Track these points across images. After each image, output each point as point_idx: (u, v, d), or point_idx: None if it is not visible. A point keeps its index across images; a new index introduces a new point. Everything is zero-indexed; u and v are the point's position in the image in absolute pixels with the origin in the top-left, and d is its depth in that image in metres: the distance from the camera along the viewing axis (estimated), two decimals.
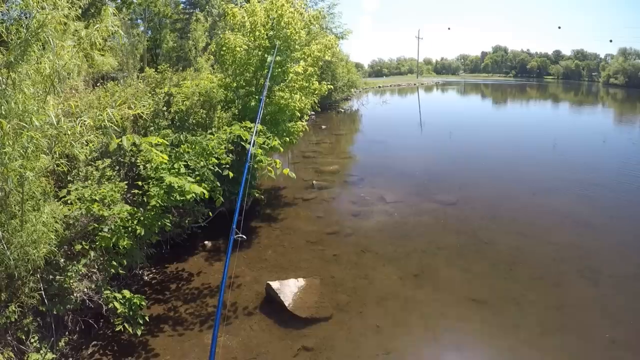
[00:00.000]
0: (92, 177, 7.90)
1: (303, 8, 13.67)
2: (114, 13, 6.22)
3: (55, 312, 6.26)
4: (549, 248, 10.73)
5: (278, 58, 12.36)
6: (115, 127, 6.31)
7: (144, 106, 8.49)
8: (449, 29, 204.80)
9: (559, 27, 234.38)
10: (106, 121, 5.92)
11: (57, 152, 5.86)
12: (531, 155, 22.33)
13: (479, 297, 8.51)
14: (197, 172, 8.61)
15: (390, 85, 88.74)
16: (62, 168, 6.13)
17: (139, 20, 20.03)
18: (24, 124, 4.97)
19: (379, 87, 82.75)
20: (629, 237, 11.57)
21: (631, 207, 14.14)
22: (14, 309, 5.63)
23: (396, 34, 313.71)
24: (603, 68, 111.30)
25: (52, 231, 5.97)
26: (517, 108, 55.30)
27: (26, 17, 5.40)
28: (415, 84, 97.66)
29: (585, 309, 8.21)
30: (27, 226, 5.58)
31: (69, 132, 5.59)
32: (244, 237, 7.93)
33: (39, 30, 5.10)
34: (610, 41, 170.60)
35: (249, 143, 9.39)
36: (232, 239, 4.74)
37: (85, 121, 5.69)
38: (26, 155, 5.14)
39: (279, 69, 12.72)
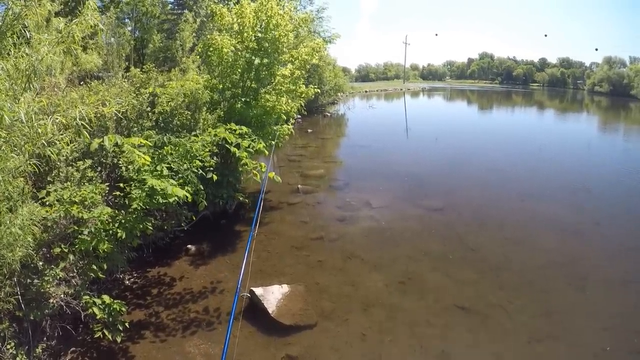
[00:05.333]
0: (72, 178, 7.70)
1: (292, 11, 13.58)
2: (100, 10, 6.07)
3: (32, 318, 6.07)
4: (536, 254, 10.73)
5: (265, 60, 12.25)
6: (88, 126, 6.09)
7: (119, 104, 8.26)
8: (436, 35, 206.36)
9: (545, 35, 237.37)
10: (78, 119, 5.71)
11: (27, 152, 5.66)
12: (517, 162, 22.49)
13: (466, 304, 8.45)
14: (180, 175, 8.44)
15: (377, 90, 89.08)
16: (34, 168, 5.94)
17: (126, 20, 19.85)
18: None
19: (366, 91, 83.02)
20: (615, 243, 11.62)
21: (617, 213, 14.23)
22: None
23: (384, 39, 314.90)
24: (588, 76, 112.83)
25: (29, 233, 5.79)
26: (503, 114, 55.74)
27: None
28: (401, 89, 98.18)
29: (573, 315, 8.18)
30: (2, 228, 5.38)
31: (40, 131, 5.39)
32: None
33: (15, 23, 4.91)
34: (596, 50, 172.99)
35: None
36: (237, 297, 4.68)
37: (56, 119, 5.50)
38: None
39: (266, 72, 12.61)
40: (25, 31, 5.08)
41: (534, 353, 7.12)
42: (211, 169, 9.29)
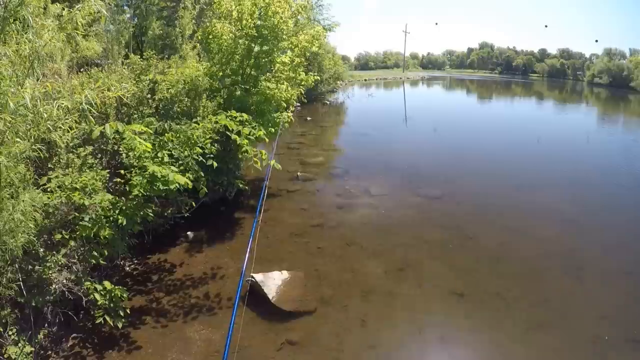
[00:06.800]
0: (73, 165, 7.70)
1: None
2: None
3: (34, 304, 6.10)
4: (534, 243, 10.79)
5: (265, 47, 12.21)
6: (95, 111, 6.10)
7: (124, 88, 8.24)
8: (436, 24, 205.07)
9: (546, 26, 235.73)
10: (84, 104, 5.71)
11: (32, 137, 5.67)
12: (516, 152, 22.53)
13: (464, 292, 8.52)
14: (180, 162, 8.45)
15: (377, 79, 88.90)
16: (40, 154, 5.94)
17: (125, 7, 19.72)
18: None
19: (365, 80, 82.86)
20: (612, 233, 11.70)
21: (614, 204, 14.30)
22: None
23: (383, 28, 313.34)
24: (588, 67, 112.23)
25: (30, 220, 5.80)
26: (502, 105, 55.67)
27: None
28: (401, 78, 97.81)
29: (571, 304, 8.25)
30: (4, 214, 5.39)
31: (45, 116, 5.39)
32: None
33: (18, 9, 4.89)
34: (596, 41, 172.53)
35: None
36: (242, 282, 4.85)
37: (62, 104, 5.50)
38: (1, 140, 4.95)
39: (266, 59, 12.58)
40: (29, 17, 5.05)
41: (532, 340, 7.18)
42: (211, 156, 9.30)
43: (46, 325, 6.56)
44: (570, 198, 14.49)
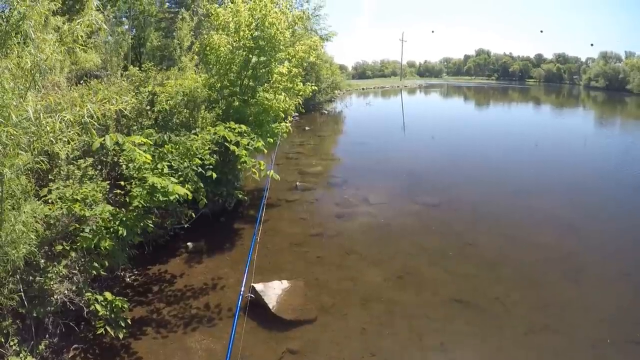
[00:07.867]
0: (73, 176, 7.75)
1: (287, 9, 13.62)
2: (97, 8, 6.08)
3: (35, 315, 6.13)
4: (532, 249, 10.80)
5: (262, 58, 12.30)
6: (96, 124, 6.16)
7: (126, 101, 8.31)
8: (432, 32, 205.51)
9: (541, 31, 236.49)
10: (86, 117, 5.77)
11: (36, 150, 5.72)
12: (514, 157, 22.58)
13: (463, 298, 8.54)
14: (180, 173, 8.50)
15: (374, 87, 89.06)
16: (42, 166, 5.99)
17: (123, 18, 19.79)
18: (1, 120, 4.82)
19: (363, 89, 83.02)
20: (610, 237, 11.72)
21: (612, 207, 14.31)
22: None
23: (381, 35, 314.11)
24: (584, 71, 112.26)
25: (32, 231, 5.84)
26: (500, 111, 55.74)
27: (6, 10, 5.26)
28: (398, 87, 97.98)
29: (569, 308, 8.27)
30: (6, 226, 5.44)
31: (48, 129, 5.45)
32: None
33: (20, 23, 4.96)
34: (592, 45, 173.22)
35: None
36: (241, 297, 4.94)
37: (65, 117, 5.55)
38: (4, 152, 5.00)
39: (263, 70, 12.65)
40: (30, 31, 5.11)
41: (532, 344, 7.21)
42: (211, 167, 9.35)
43: (47, 335, 6.57)
44: (568, 202, 14.52)
